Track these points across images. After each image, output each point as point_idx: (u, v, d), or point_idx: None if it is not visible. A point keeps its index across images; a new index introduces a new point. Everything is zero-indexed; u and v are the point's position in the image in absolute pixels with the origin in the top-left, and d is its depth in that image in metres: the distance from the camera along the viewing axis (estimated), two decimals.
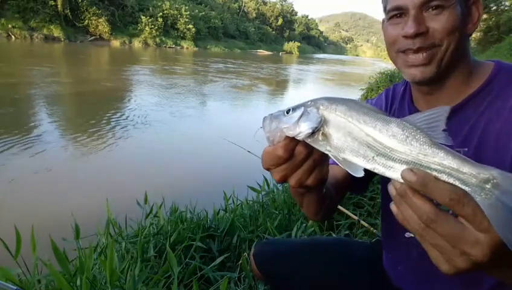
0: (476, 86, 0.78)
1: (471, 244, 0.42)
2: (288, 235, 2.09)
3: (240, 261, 1.75)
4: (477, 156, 0.72)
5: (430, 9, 0.73)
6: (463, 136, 0.76)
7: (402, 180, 0.46)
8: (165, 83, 13.25)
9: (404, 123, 0.46)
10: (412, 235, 0.86)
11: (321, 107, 0.52)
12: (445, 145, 0.44)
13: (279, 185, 2.78)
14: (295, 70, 29.37)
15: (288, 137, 0.54)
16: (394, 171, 0.47)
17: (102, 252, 1.83)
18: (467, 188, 0.42)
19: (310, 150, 0.56)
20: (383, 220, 1.04)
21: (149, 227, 2.06)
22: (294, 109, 0.54)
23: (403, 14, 0.76)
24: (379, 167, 0.48)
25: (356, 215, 2.21)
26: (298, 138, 0.53)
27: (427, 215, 0.43)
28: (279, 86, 17.93)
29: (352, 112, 0.50)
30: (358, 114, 0.49)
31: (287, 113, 0.54)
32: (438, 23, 0.72)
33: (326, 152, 0.53)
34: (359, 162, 0.49)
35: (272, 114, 0.56)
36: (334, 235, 2.16)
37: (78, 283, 1.25)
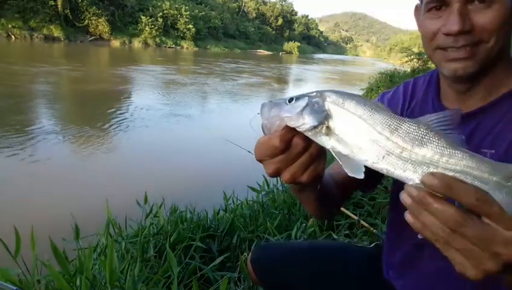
0: (511, 85, 0.72)
1: (501, 245, 0.41)
2: (288, 235, 2.09)
3: (240, 261, 1.75)
4: (506, 160, 0.68)
5: (477, 2, 0.64)
6: (493, 136, 0.71)
7: (412, 182, 0.44)
8: (165, 83, 13.25)
9: (419, 123, 0.45)
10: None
11: (328, 99, 0.50)
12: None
13: (279, 185, 2.78)
14: (296, 70, 29.36)
15: (286, 127, 0.51)
16: (405, 171, 0.45)
17: (102, 252, 1.83)
18: (486, 187, 0.41)
19: (308, 143, 0.52)
20: (389, 223, 0.99)
21: (149, 227, 2.06)
22: (298, 98, 0.51)
23: (443, 6, 0.67)
24: (388, 167, 0.46)
25: (356, 215, 2.21)
26: (300, 130, 0.50)
27: (455, 220, 0.41)
28: (281, 85, 17.92)
29: (363, 108, 0.47)
30: (370, 111, 0.47)
31: (289, 102, 0.51)
32: (486, 19, 0.64)
33: (329, 148, 0.50)
34: (367, 161, 0.47)
35: (271, 101, 0.53)
36: (334, 235, 2.16)
37: (78, 283, 1.25)
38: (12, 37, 29.25)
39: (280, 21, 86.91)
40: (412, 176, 0.45)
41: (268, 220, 2.21)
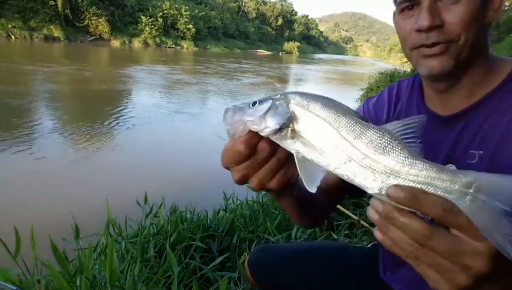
0: (494, 84, 0.71)
1: (471, 257, 0.39)
2: (288, 235, 2.09)
3: (240, 261, 1.75)
4: (495, 159, 0.67)
5: None
6: (480, 136, 0.70)
7: (372, 191, 0.43)
8: (165, 83, 13.25)
9: (383, 131, 0.43)
10: None
11: (292, 101, 0.48)
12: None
13: None
14: (298, 70, 29.37)
15: (251, 131, 0.49)
16: (365, 180, 0.43)
17: (102, 252, 1.83)
18: (451, 197, 0.39)
19: (275, 147, 0.50)
20: None
21: (149, 227, 2.06)
22: (262, 101, 0.49)
23: (415, 5, 0.69)
24: (349, 174, 0.44)
25: (356, 215, 2.21)
26: (263, 134, 0.48)
27: (422, 233, 0.39)
28: (284, 84, 17.93)
29: (329, 111, 0.46)
30: (335, 114, 0.45)
31: (253, 105, 0.49)
32: (455, 14, 0.65)
33: (293, 152, 0.48)
34: (329, 166, 0.45)
35: (235, 105, 0.51)
36: (334, 235, 2.16)
37: (78, 283, 1.25)
38: (12, 37, 29.24)
39: (280, 21, 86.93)
40: (371, 184, 0.43)
41: (268, 220, 2.21)
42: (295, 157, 0.48)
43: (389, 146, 0.42)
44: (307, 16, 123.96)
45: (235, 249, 2.01)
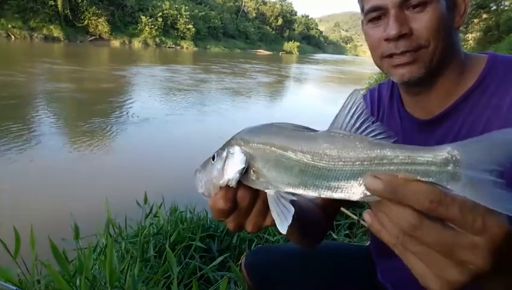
0: (469, 83, 0.72)
1: (469, 251, 0.34)
2: None
3: (240, 261, 1.75)
4: None
5: (412, 8, 0.67)
6: (461, 138, 0.70)
7: (356, 198, 0.39)
8: (165, 83, 13.25)
9: (332, 134, 0.40)
10: None
11: (242, 143, 0.46)
12: (386, 135, 0.38)
13: None
14: (304, 70, 29.37)
15: (223, 187, 0.48)
16: (343, 191, 0.39)
17: (101, 252, 1.83)
18: (430, 181, 0.35)
19: (255, 191, 0.48)
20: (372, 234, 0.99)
21: (149, 227, 2.06)
22: (219, 153, 0.48)
23: (382, 15, 0.70)
24: (325, 192, 0.40)
25: (356, 215, 2.21)
26: (231, 185, 0.47)
27: (409, 222, 0.35)
28: (285, 83, 17.94)
29: (274, 139, 0.43)
30: (280, 139, 0.43)
31: (213, 160, 0.49)
32: (422, 22, 0.66)
33: (266, 190, 0.46)
34: (303, 193, 0.42)
35: (201, 165, 0.51)
36: (334, 235, 2.16)
37: (78, 283, 1.25)
38: (12, 37, 29.27)
39: (280, 21, 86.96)
40: (351, 192, 0.39)
41: None
42: (268, 196, 0.45)
43: (345, 148, 0.38)
44: (307, 16, 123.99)
45: (235, 249, 2.01)
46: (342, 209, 2.21)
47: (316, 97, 14.34)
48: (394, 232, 0.36)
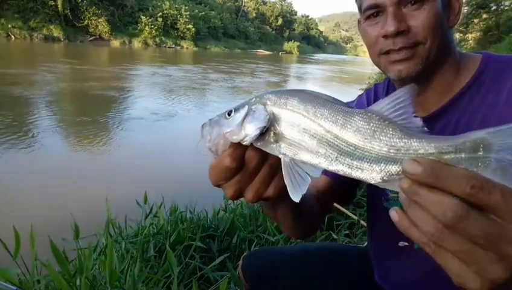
0: (465, 81, 0.73)
1: (511, 244, 0.32)
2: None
3: (240, 262, 1.75)
4: None
5: (409, 5, 0.68)
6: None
7: (374, 181, 0.39)
8: (165, 83, 13.25)
9: (370, 114, 0.40)
10: (407, 244, 0.78)
11: (268, 102, 0.45)
12: (419, 130, 0.39)
13: None
14: (308, 69, 29.39)
15: (233, 143, 0.46)
16: (363, 172, 0.39)
17: (102, 252, 1.83)
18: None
19: (264, 154, 0.47)
20: (370, 229, 0.98)
21: (149, 227, 2.06)
22: (237, 108, 0.46)
23: (380, 13, 0.71)
24: (344, 168, 0.40)
25: (356, 215, 2.21)
26: (245, 143, 0.45)
27: (455, 212, 0.32)
28: (291, 81, 17.95)
29: (307, 105, 0.42)
30: (315, 107, 0.42)
31: (229, 115, 0.46)
32: (419, 19, 0.68)
33: (281, 156, 0.45)
34: (320, 164, 0.42)
35: (211, 119, 0.48)
36: (334, 235, 2.16)
37: (78, 283, 1.25)
38: (12, 37, 29.27)
39: (280, 21, 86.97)
40: (371, 175, 0.39)
41: (268, 220, 2.21)
42: (282, 162, 0.45)
43: (378, 130, 0.38)
44: (307, 16, 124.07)
45: (235, 249, 2.01)
46: (342, 209, 2.21)
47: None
48: (431, 228, 0.33)
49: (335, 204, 1.86)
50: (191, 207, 2.37)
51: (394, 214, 0.36)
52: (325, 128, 0.41)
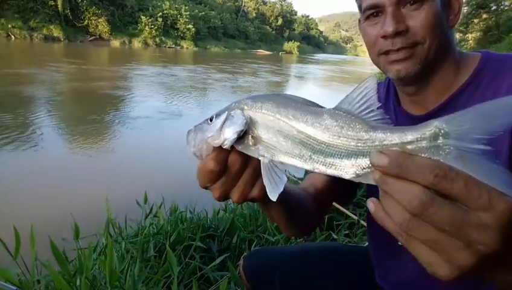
0: (463, 79, 0.74)
1: (478, 229, 0.32)
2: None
3: (241, 262, 1.75)
4: None
5: (408, 5, 0.69)
6: None
7: (348, 177, 0.41)
8: (165, 83, 13.25)
9: (337, 112, 0.42)
10: None
11: (246, 107, 0.48)
12: (383, 122, 0.40)
13: None
14: (309, 69, 29.40)
15: (215, 147, 0.49)
16: (336, 169, 0.41)
17: (102, 252, 1.83)
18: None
19: (246, 156, 0.50)
20: (369, 229, 0.98)
21: (149, 227, 2.06)
22: (218, 114, 0.50)
23: (379, 13, 0.72)
24: (319, 166, 0.42)
25: (356, 215, 2.21)
26: (225, 147, 0.48)
27: (419, 199, 0.33)
28: (293, 81, 17.97)
29: (280, 108, 0.45)
30: (287, 109, 0.44)
31: (211, 121, 0.50)
32: (418, 19, 0.68)
33: (260, 158, 0.48)
34: (297, 164, 0.44)
35: (195, 125, 0.52)
36: (334, 235, 2.16)
37: (78, 283, 1.25)
38: (12, 37, 29.28)
39: (280, 21, 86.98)
40: (344, 171, 0.41)
41: (268, 220, 2.21)
42: (261, 164, 0.47)
43: (346, 126, 0.40)
44: (307, 16, 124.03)
45: (235, 249, 2.01)
46: (342, 209, 2.22)
47: (325, 94, 14.34)
48: (400, 217, 0.34)
49: (335, 204, 1.86)
50: (191, 207, 2.37)
51: (371, 204, 0.37)
52: (297, 129, 0.43)
